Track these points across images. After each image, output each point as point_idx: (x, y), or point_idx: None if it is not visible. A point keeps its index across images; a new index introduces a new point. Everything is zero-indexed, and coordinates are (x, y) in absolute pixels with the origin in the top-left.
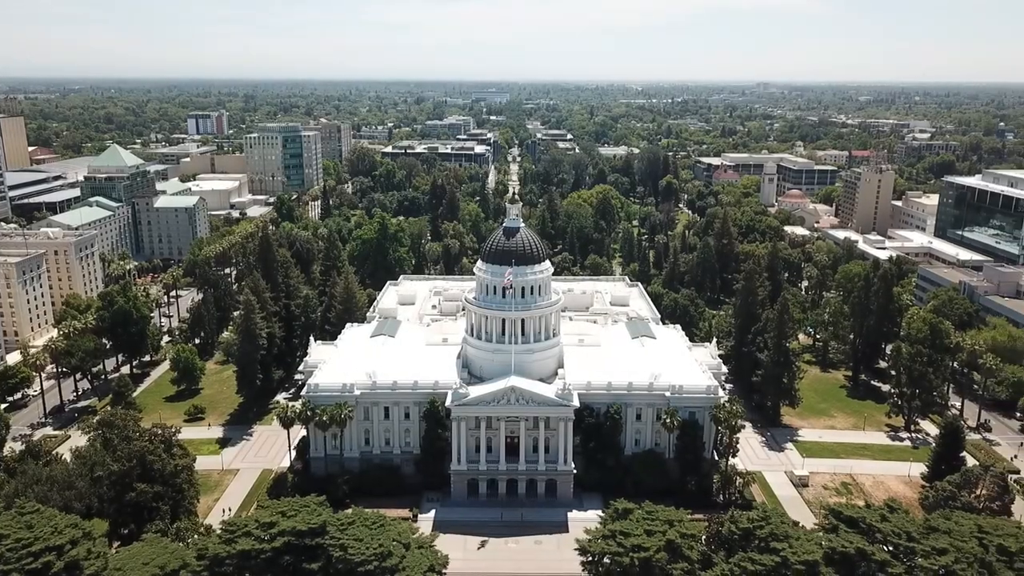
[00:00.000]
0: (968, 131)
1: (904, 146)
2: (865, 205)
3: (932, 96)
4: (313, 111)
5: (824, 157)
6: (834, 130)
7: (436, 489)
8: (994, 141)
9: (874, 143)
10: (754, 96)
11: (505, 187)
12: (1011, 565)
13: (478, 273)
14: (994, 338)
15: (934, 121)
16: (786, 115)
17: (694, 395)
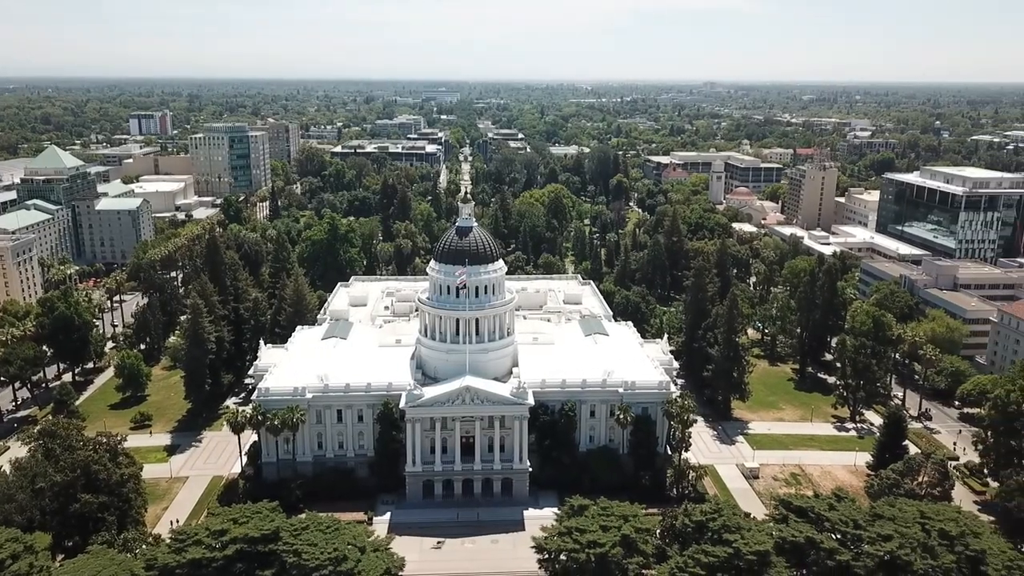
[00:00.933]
0: (906, 130)
1: (846, 144)
2: (810, 202)
3: (872, 96)
4: (260, 111)
5: (770, 155)
6: (779, 129)
7: (391, 491)
8: (930, 139)
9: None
10: (701, 95)
11: (457, 186)
12: (952, 548)
13: (431, 273)
14: (933, 330)
15: (874, 120)
16: (733, 114)
17: (647, 391)
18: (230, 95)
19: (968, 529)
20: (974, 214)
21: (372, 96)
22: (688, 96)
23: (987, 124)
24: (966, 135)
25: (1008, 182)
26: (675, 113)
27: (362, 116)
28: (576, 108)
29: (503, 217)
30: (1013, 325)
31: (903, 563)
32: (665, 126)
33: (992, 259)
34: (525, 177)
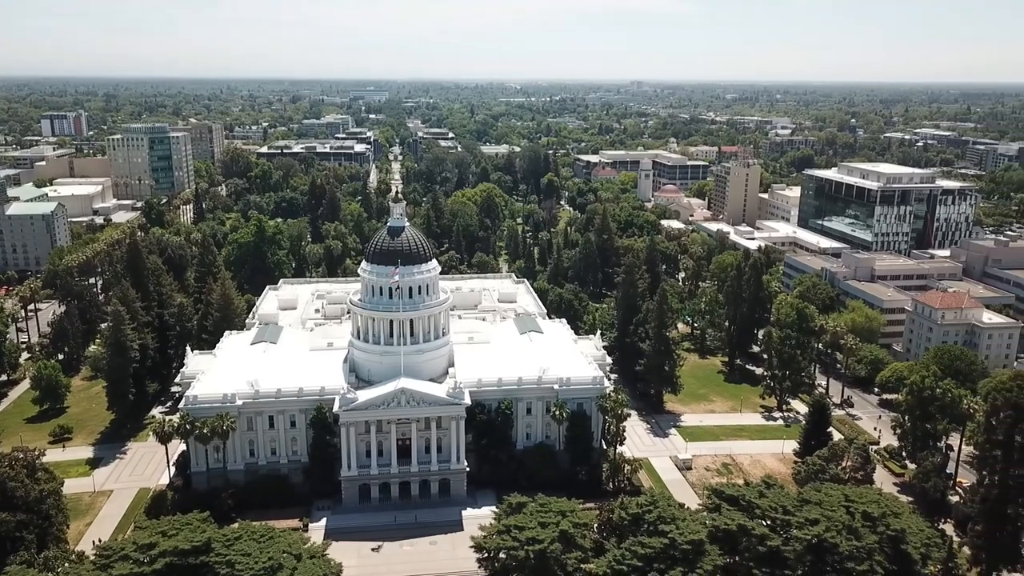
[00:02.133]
0: (824, 127)
1: (768, 142)
2: (735, 198)
3: (791, 95)
4: (181, 111)
5: (696, 153)
6: (704, 127)
7: (327, 497)
8: (847, 137)
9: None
10: (628, 95)
11: (388, 186)
12: (874, 529)
13: (363, 274)
14: (853, 320)
15: (794, 118)
16: (659, 113)
17: (581, 387)
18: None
19: (889, 510)
20: (888, 208)
21: (298, 95)
22: (616, 95)
23: (899, 122)
24: (879, 132)
25: (918, 177)
26: (603, 112)
27: (288, 116)
28: (506, 107)
29: (435, 216)
30: (926, 314)
31: (830, 545)
32: (594, 125)
33: (906, 251)
34: (457, 176)
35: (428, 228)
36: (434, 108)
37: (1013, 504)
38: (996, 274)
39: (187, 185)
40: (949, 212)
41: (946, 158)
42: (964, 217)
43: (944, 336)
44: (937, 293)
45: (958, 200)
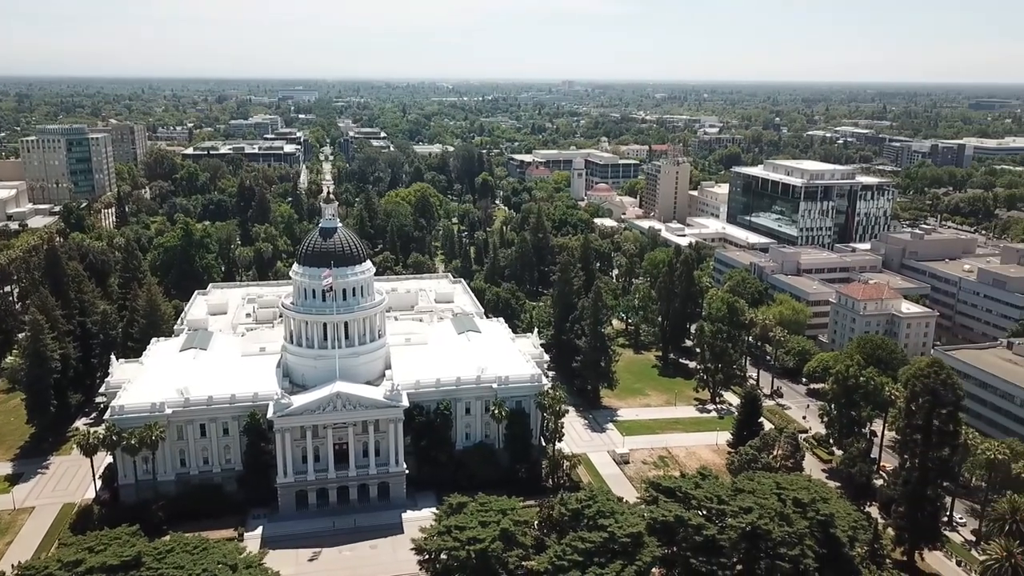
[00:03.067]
0: (750, 126)
1: (697, 140)
2: (665, 196)
3: (718, 93)
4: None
5: (627, 152)
6: (635, 126)
7: (263, 505)
8: (772, 135)
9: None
10: (560, 94)
11: (319, 187)
12: (805, 515)
13: (295, 277)
14: (781, 312)
15: (721, 117)
16: (591, 112)
17: (520, 385)
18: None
19: (818, 496)
20: (812, 204)
21: (224, 95)
22: (548, 95)
23: (820, 121)
24: (802, 130)
25: (840, 174)
26: (536, 112)
27: (214, 116)
28: (438, 107)
29: (369, 217)
30: (849, 305)
31: (763, 532)
32: (526, 124)
33: (829, 245)
34: (390, 176)
35: (361, 229)
36: (365, 107)
37: (932, 485)
38: (913, 266)
39: (108, 188)
40: (868, 207)
41: (865, 155)
42: (882, 211)
43: (866, 326)
44: (859, 285)
45: (877, 195)
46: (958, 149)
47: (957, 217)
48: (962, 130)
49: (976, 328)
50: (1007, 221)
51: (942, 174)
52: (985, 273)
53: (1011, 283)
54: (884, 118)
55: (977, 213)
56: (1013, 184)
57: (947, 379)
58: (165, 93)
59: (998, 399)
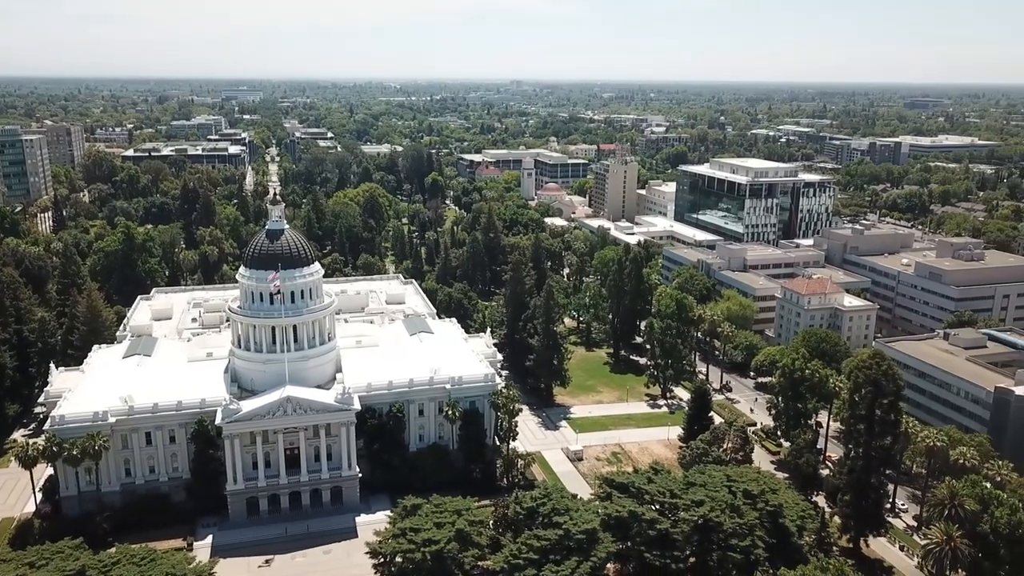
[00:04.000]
0: (696, 124)
1: (644, 139)
2: (614, 195)
3: (664, 93)
4: (35, 112)
5: (576, 151)
6: (583, 125)
7: (213, 513)
8: (717, 133)
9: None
10: (508, 94)
11: (265, 188)
12: (755, 506)
13: (242, 280)
14: (728, 308)
15: (667, 116)
16: (539, 112)
17: (473, 385)
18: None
19: (767, 487)
20: (757, 201)
21: (166, 96)
22: (496, 95)
23: (763, 119)
24: (747, 129)
25: (783, 171)
26: (484, 111)
27: (155, 117)
28: (386, 107)
29: (317, 218)
30: (794, 300)
31: (715, 524)
32: (475, 124)
33: (774, 241)
34: (337, 177)
35: (309, 230)
36: (311, 108)
37: (876, 473)
38: (854, 260)
39: (44, 192)
40: (811, 204)
41: (806, 153)
42: (824, 208)
43: (811, 320)
44: (803, 280)
45: (819, 192)
46: (895, 147)
47: (895, 213)
48: (898, 129)
49: (914, 320)
50: (942, 216)
51: (880, 171)
52: (922, 267)
53: (946, 276)
54: (824, 117)
55: (914, 209)
56: (947, 180)
57: (888, 370)
58: (103, 93)
59: (936, 388)
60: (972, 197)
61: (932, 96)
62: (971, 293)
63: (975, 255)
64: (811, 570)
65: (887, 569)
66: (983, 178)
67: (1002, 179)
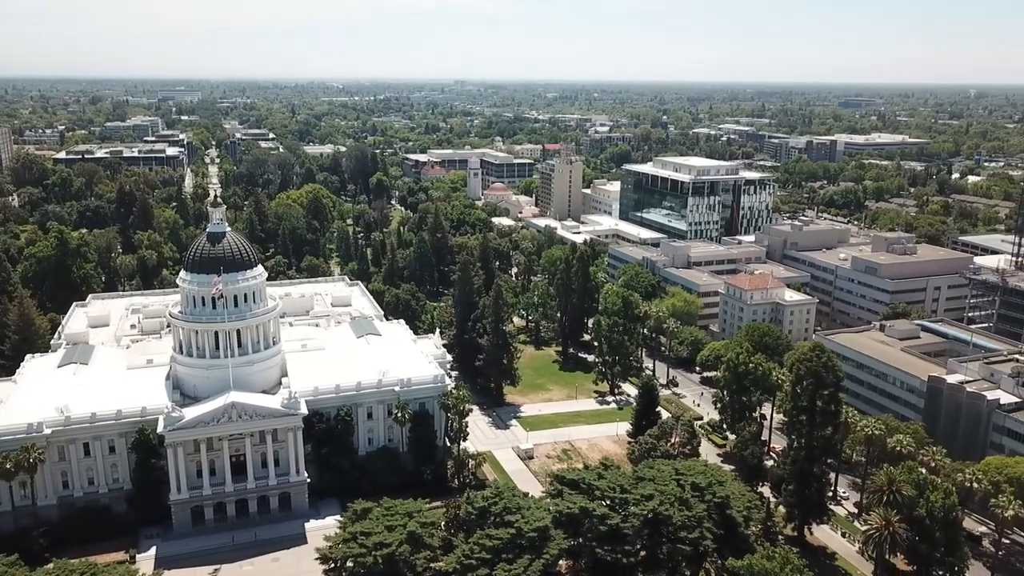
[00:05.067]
0: (639, 124)
1: (588, 139)
2: (560, 194)
3: (607, 93)
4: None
5: (521, 151)
6: (528, 125)
7: (156, 524)
8: (660, 132)
9: (563, 137)
10: (453, 94)
11: (205, 190)
12: (703, 498)
13: (182, 284)
14: (673, 304)
15: (611, 115)
16: (484, 112)
17: (423, 386)
18: None
19: (714, 479)
20: (700, 199)
21: (99, 96)
22: (440, 95)
23: (704, 118)
24: (688, 128)
25: (724, 169)
26: (429, 111)
27: (88, 118)
28: (329, 107)
29: (259, 220)
30: (737, 295)
31: (664, 518)
32: (420, 124)
33: (716, 238)
34: (280, 178)
35: (251, 233)
36: (252, 108)
37: (818, 463)
38: (794, 256)
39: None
40: (752, 201)
41: (747, 151)
42: (764, 205)
43: (753, 315)
44: (745, 276)
45: (759, 189)
46: (831, 145)
47: (832, 209)
48: (833, 127)
49: (852, 313)
50: (876, 212)
51: (817, 168)
52: (858, 261)
53: (881, 269)
54: (763, 116)
55: (849, 205)
56: (880, 177)
57: (828, 362)
58: (32, 93)
59: (873, 379)
60: (904, 193)
61: (865, 96)
62: (905, 286)
63: (908, 249)
64: (758, 559)
65: (830, 555)
66: (914, 175)
67: (931, 175)
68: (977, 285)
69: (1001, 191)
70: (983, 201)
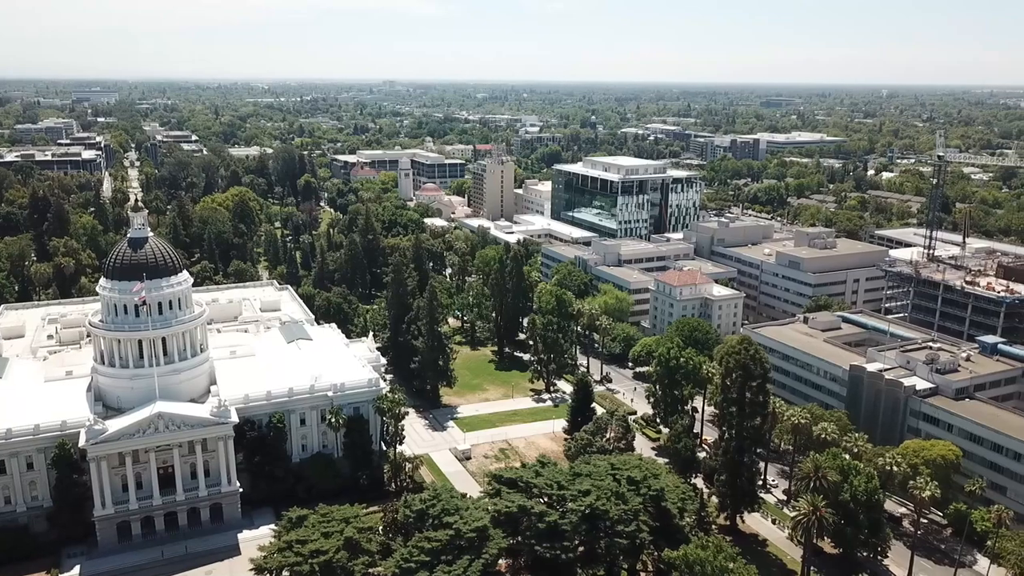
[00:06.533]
0: (568, 124)
1: (519, 139)
2: (492, 194)
3: (537, 94)
4: None
5: (452, 151)
6: (458, 126)
7: (79, 542)
8: (589, 132)
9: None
10: (382, 94)
11: (125, 195)
12: (638, 492)
13: (103, 292)
14: (606, 302)
15: (541, 116)
16: (414, 112)
17: (357, 390)
18: None
19: (649, 472)
20: (629, 198)
21: (7, 97)
22: (369, 95)
23: (632, 118)
24: (617, 128)
25: (652, 168)
26: (357, 112)
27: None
28: (254, 108)
29: (183, 225)
30: (667, 292)
31: (601, 512)
32: (348, 125)
33: (646, 236)
34: (204, 181)
35: (175, 238)
36: (173, 110)
37: (748, 453)
38: (721, 252)
39: None
40: (679, 199)
41: (673, 150)
42: (692, 203)
43: (683, 310)
44: (674, 272)
45: (686, 188)
46: (754, 143)
47: (756, 206)
48: (756, 126)
49: (777, 306)
50: (798, 208)
51: (741, 166)
52: (782, 256)
53: (804, 263)
54: (689, 115)
55: (773, 201)
56: (801, 174)
57: (755, 354)
58: None
59: (799, 369)
60: (823, 190)
61: (785, 96)
62: (826, 279)
63: (828, 243)
64: (692, 549)
65: (761, 542)
66: (832, 171)
67: (848, 172)
68: (893, 277)
69: (913, 187)
70: (897, 196)
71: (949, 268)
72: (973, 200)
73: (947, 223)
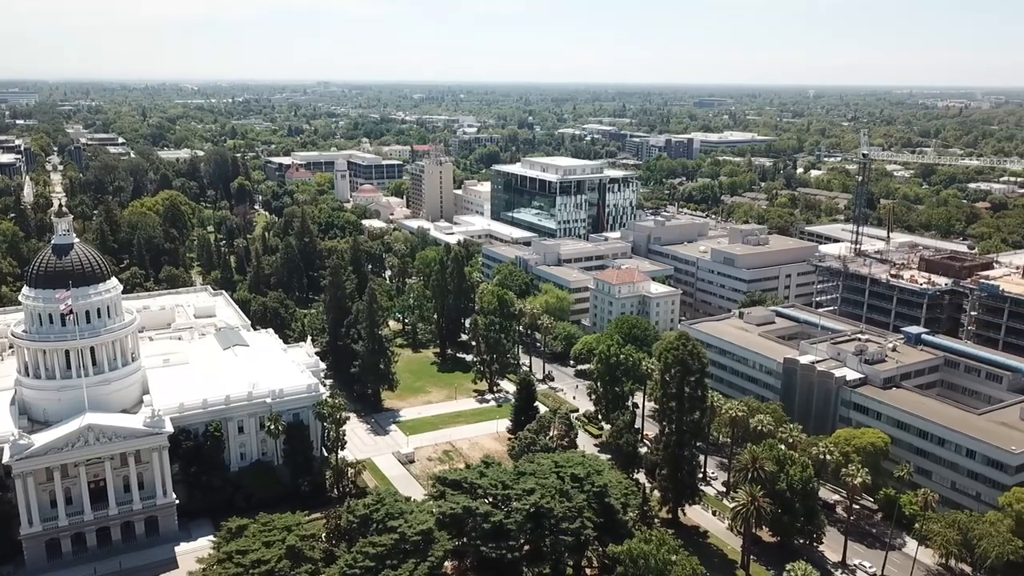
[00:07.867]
0: (506, 125)
1: (457, 140)
2: (431, 195)
3: (474, 95)
4: None
5: (389, 152)
6: (395, 126)
7: (7, 562)
8: (526, 133)
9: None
10: (316, 95)
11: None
12: (582, 488)
13: (26, 302)
14: (547, 301)
15: (478, 116)
16: (350, 113)
17: (295, 396)
18: None
19: (592, 469)
20: (567, 198)
21: None
22: (303, 96)
23: (569, 119)
24: (554, 128)
25: (590, 169)
26: (291, 113)
27: None
28: (183, 109)
29: (111, 230)
30: (606, 290)
31: (546, 511)
32: (282, 126)
33: (585, 235)
34: (132, 185)
35: (103, 244)
36: (98, 111)
37: (688, 447)
38: (658, 250)
39: None
40: (617, 198)
41: (610, 150)
42: (628, 202)
43: (622, 308)
44: (613, 271)
45: (623, 187)
46: (688, 143)
47: (691, 204)
48: (689, 126)
49: (713, 302)
50: (731, 206)
51: (676, 166)
52: (717, 253)
53: (738, 260)
54: (624, 116)
55: (707, 200)
56: (733, 173)
57: (693, 350)
58: None
59: (735, 363)
60: (755, 188)
61: (717, 96)
62: (759, 275)
63: (761, 240)
64: (636, 544)
65: (703, 533)
66: (763, 170)
67: (779, 170)
68: (822, 272)
69: (840, 184)
70: (825, 193)
71: (875, 262)
72: (896, 196)
73: (872, 219)
